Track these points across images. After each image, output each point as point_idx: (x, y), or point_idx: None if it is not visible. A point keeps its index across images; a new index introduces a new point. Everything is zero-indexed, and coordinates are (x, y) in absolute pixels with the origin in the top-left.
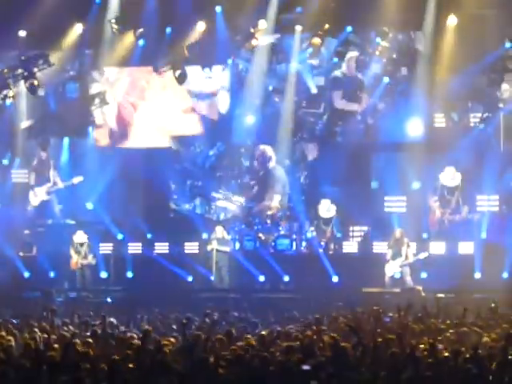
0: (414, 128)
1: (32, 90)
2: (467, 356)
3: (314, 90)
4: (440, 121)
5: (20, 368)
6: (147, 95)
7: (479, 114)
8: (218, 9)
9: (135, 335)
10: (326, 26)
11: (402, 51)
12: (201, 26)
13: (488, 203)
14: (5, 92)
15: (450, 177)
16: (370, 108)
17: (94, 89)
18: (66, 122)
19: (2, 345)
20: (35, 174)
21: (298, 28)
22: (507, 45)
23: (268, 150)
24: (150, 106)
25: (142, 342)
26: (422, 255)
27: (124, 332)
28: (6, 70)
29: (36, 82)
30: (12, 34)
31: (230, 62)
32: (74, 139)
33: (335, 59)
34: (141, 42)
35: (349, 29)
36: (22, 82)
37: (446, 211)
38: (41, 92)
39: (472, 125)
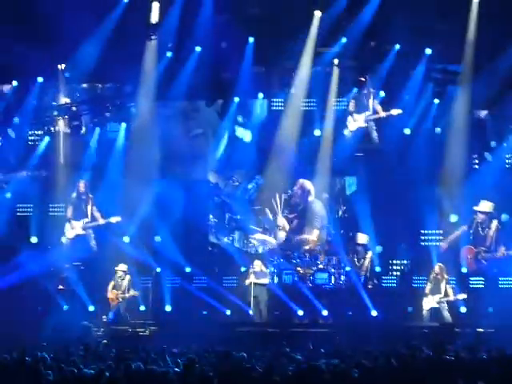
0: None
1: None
2: None
3: (351, 129)
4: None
5: None
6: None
7: None
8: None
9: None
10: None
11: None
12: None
13: None
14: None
15: (486, 210)
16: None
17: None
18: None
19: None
20: (73, 207)
21: (336, 62)
22: None
23: (307, 183)
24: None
25: (184, 374)
26: (461, 296)
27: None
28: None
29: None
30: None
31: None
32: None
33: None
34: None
35: None
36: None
37: (481, 249)
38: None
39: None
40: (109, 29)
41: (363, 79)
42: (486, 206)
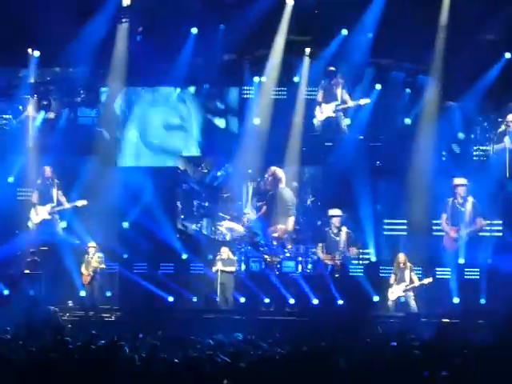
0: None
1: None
2: None
3: (320, 118)
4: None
5: None
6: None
7: (484, 147)
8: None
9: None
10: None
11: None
12: None
13: (491, 228)
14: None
15: (463, 182)
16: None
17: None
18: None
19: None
20: (38, 193)
21: (308, 51)
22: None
23: (278, 171)
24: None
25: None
26: (426, 280)
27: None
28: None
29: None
30: (22, 51)
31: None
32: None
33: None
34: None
35: None
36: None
37: (461, 226)
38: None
39: (475, 158)
40: (81, 10)
41: (332, 68)
42: (460, 179)
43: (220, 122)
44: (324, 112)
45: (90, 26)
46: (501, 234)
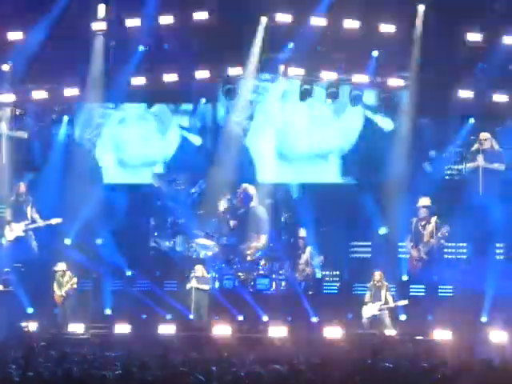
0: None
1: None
2: None
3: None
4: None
5: None
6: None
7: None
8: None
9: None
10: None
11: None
12: None
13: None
14: None
15: (426, 203)
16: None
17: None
18: None
19: None
20: (12, 210)
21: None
22: None
23: (250, 188)
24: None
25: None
26: (402, 303)
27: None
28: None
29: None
30: None
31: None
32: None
33: None
34: None
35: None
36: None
37: (420, 248)
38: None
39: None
40: (54, 25)
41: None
42: (425, 200)
43: (194, 139)
44: None
45: (64, 41)
46: (465, 256)
